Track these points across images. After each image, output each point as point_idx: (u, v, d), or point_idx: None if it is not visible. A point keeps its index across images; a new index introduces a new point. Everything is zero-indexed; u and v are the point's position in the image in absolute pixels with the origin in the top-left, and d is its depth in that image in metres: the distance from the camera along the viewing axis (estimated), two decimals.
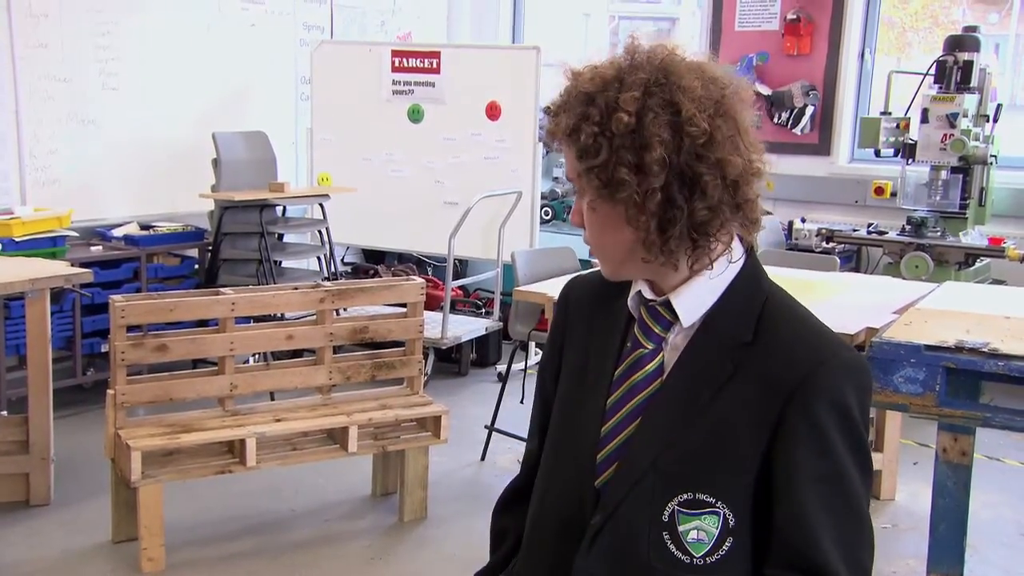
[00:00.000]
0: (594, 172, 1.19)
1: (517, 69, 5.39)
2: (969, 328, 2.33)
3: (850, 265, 5.52)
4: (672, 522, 1.21)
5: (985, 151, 4.96)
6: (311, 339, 3.60)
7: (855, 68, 5.97)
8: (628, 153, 1.16)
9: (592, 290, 1.40)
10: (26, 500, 3.65)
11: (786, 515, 1.19)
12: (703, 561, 1.21)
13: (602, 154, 1.17)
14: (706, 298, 1.25)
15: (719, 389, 1.21)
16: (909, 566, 3.41)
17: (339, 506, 3.79)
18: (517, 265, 4.23)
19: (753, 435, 1.20)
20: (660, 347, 1.27)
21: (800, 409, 1.18)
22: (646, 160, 1.15)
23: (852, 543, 1.20)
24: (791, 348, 1.22)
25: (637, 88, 1.17)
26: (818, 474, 1.19)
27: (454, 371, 5.50)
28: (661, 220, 1.18)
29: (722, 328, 1.24)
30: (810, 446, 1.19)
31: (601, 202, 1.21)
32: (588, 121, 1.18)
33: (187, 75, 5.31)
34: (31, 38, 4.68)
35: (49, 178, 4.81)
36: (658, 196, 1.17)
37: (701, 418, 1.22)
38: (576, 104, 1.19)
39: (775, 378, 1.20)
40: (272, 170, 5.23)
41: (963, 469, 2.77)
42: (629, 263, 1.26)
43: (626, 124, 1.16)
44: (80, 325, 4.58)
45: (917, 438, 4.41)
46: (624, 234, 1.22)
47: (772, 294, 1.27)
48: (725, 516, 1.20)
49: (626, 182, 1.17)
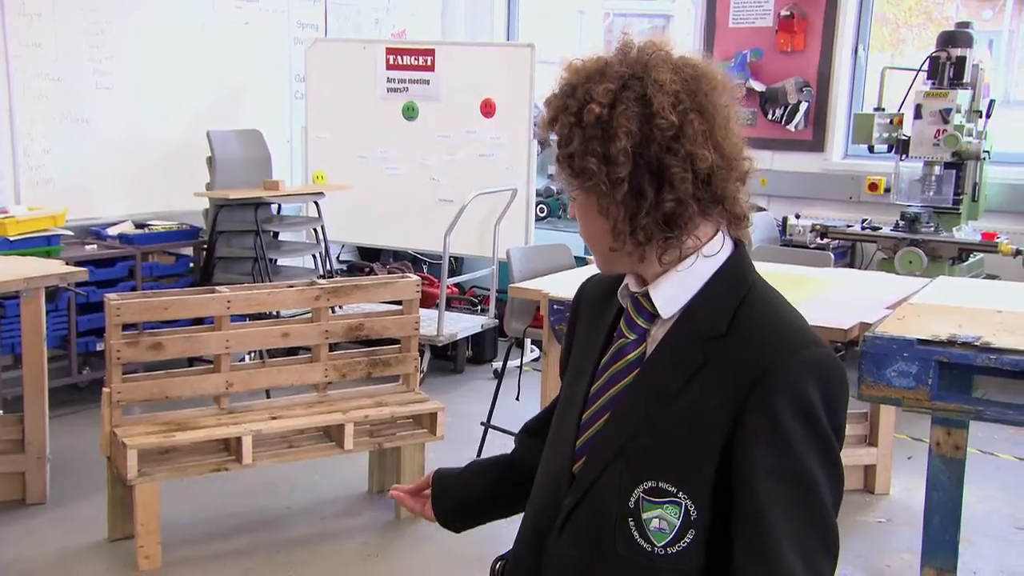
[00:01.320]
0: (566, 161, 1.23)
1: (512, 66, 5.39)
2: (962, 322, 2.34)
3: (844, 261, 5.53)
4: (637, 509, 1.22)
5: (978, 147, 4.97)
6: (307, 337, 3.61)
7: (849, 64, 5.99)
8: (596, 143, 1.20)
9: (601, 288, 1.43)
10: (22, 499, 3.65)
11: (744, 513, 1.18)
12: (664, 551, 1.21)
13: (574, 143, 1.21)
14: (685, 290, 1.26)
15: (688, 379, 1.22)
16: (904, 560, 3.42)
17: (335, 503, 3.79)
18: (512, 262, 4.24)
19: (716, 427, 1.20)
20: (643, 338, 1.29)
21: (759, 402, 1.17)
22: (611, 150, 1.19)
23: (803, 541, 1.16)
24: (760, 340, 1.21)
25: (614, 81, 1.20)
26: (775, 470, 1.16)
27: (450, 368, 5.51)
28: (628, 210, 1.21)
29: (698, 320, 1.25)
30: (768, 441, 1.17)
31: (579, 192, 1.26)
32: (566, 112, 1.22)
33: (181, 73, 5.31)
34: (25, 37, 4.68)
35: (43, 177, 4.81)
36: (625, 186, 1.20)
37: (668, 407, 1.23)
38: (560, 95, 1.24)
39: (740, 369, 1.19)
40: (267, 168, 5.23)
41: (957, 463, 2.79)
42: (613, 257, 1.28)
43: (596, 115, 1.20)
44: (75, 324, 4.58)
45: (911, 432, 4.42)
46: (598, 224, 1.25)
47: (754, 288, 1.27)
48: (687, 507, 1.20)
49: (593, 171, 1.20)
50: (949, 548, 2.83)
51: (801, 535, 1.16)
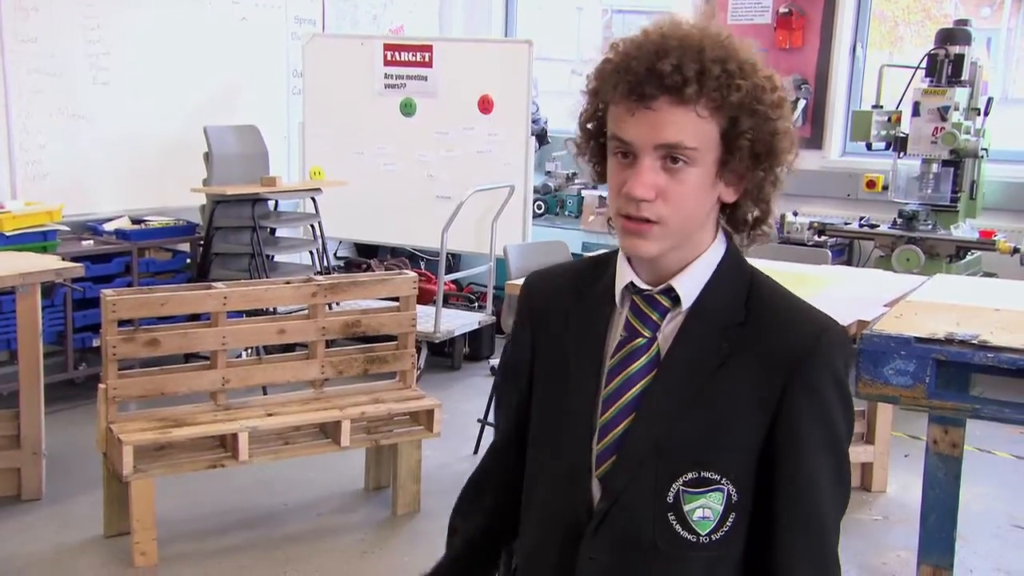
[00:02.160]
0: (743, 134, 1.20)
1: (509, 63, 5.38)
2: (959, 320, 2.34)
3: (842, 258, 5.53)
4: (677, 502, 1.23)
5: (976, 144, 4.97)
6: (303, 333, 3.60)
7: (847, 62, 5.98)
8: (771, 121, 1.22)
9: (560, 284, 1.39)
10: (17, 495, 3.65)
11: (795, 485, 1.24)
12: (708, 539, 1.24)
13: (745, 119, 1.20)
14: (699, 281, 1.27)
15: (717, 368, 1.24)
16: (900, 558, 3.42)
17: (332, 500, 3.79)
18: (509, 259, 4.23)
19: (755, 410, 1.23)
20: (655, 335, 1.28)
21: (802, 384, 1.23)
22: (780, 127, 1.22)
23: (841, 508, 1.28)
24: (786, 325, 1.26)
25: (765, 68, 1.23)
26: (821, 442, 1.24)
27: (447, 365, 5.50)
28: (750, 186, 1.25)
29: (714, 310, 1.26)
30: (814, 416, 1.23)
31: (694, 167, 1.20)
32: (732, 78, 1.19)
33: (178, 69, 5.30)
34: (20, 32, 4.66)
35: (39, 172, 4.80)
36: (754, 161, 1.23)
37: (701, 398, 1.24)
38: (707, 63, 1.18)
39: (775, 354, 1.24)
40: (264, 164, 5.21)
41: (953, 461, 2.79)
42: (685, 238, 1.25)
43: (778, 93, 1.23)
44: (72, 320, 4.57)
45: (908, 430, 4.42)
46: (711, 197, 1.25)
47: (755, 275, 1.31)
48: (729, 492, 1.23)
49: (767, 145, 1.22)
50: (945, 546, 2.83)
51: (838, 499, 1.27)
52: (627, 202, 1.21)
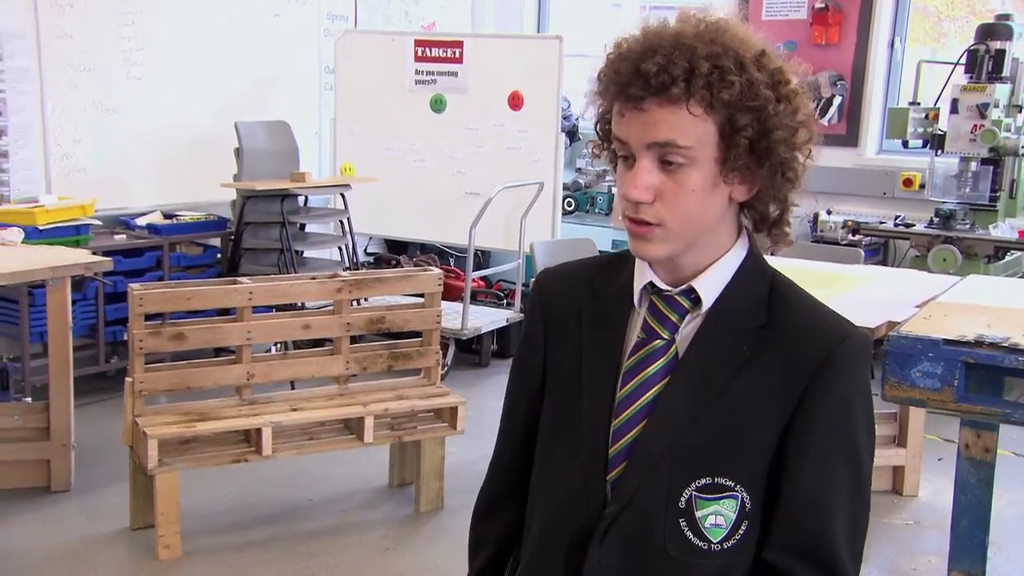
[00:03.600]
0: (740, 131, 1.16)
1: (540, 59, 5.35)
2: (990, 322, 2.28)
3: (877, 258, 5.44)
4: (689, 508, 1.20)
5: (1016, 142, 4.86)
6: (328, 329, 3.60)
7: (884, 58, 5.87)
8: (786, 115, 1.18)
9: (574, 282, 1.35)
10: (47, 486, 3.69)
11: (801, 494, 1.19)
12: (720, 547, 1.20)
13: (740, 115, 1.15)
14: (720, 283, 1.24)
15: (736, 372, 1.21)
16: (931, 563, 3.35)
17: (355, 496, 3.79)
18: (536, 256, 4.21)
19: (772, 416, 1.20)
20: (673, 337, 1.25)
21: (822, 390, 1.19)
22: (793, 122, 1.18)
23: (856, 526, 1.22)
24: (809, 329, 1.22)
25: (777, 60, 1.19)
26: (837, 452, 1.20)
27: (475, 362, 5.49)
28: (760, 187, 1.21)
29: (734, 312, 1.23)
30: (832, 424, 1.20)
31: (692, 167, 1.17)
32: (725, 74, 1.15)
33: (211, 65, 5.33)
34: (56, 27, 4.71)
35: (74, 167, 4.85)
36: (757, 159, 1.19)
37: (718, 402, 1.20)
38: (697, 61, 1.15)
39: (796, 358, 1.20)
40: (294, 160, 5.23)
41: (986, 466, 2.72)
42: (697, 239, 1.22)
43: (792, 88, 1.18)
44: (103, 313, 4.62)
45: (942, 433, 4.33)
46: (717, 198, 1.20)
47: (776, 278, 1.27)
48: (743, 500, 1.20)
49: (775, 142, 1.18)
50: (977, 552, 2.76)
51: (849, 513, 1.21)
52: (628, 204, 1.19)
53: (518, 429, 1.40)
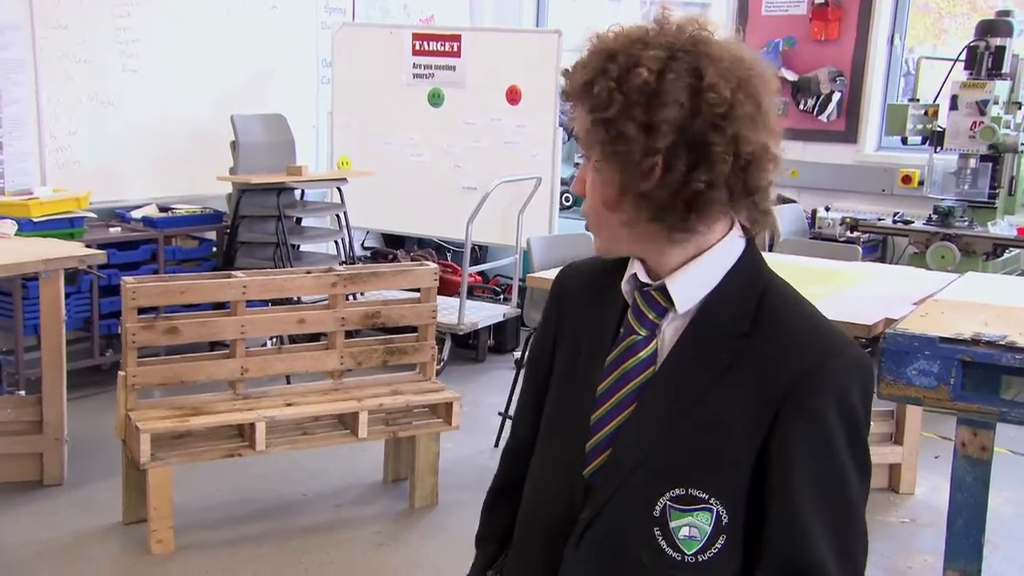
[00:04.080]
0: (601, 124, 1.15)
1: (538, 53, 5.33)
2: (988, 320, 2.26)
3: (875, 255, 5.42)
4: (664, 518, 1.17)
5: (1016, 139, 4.84)
6: (323, 323, 3.59)
7: (884, 54, 5.85)
8: (639, 110, 1.12)
9: (588, 277, 1.36)
10: (40, 480, 3.67)
11: (781, 515, 1.14)
12: (695, 559, 1.17)
13: (613, 108, 1.13)
14: (702, 285, 1.20)
15: (714, 382, 1.17)
16: (926, 562, 3.34)
17: (349, 492, 3.78)
18: (533, 251, 4.19)
19: (749, 431, 1.15)
20: (654, 334, 1.22)
21: (801, 405, 1.13)
22: (656, 119, 1.12)
23: (847, 548, 1.15)
24: (792, 342, 1.17)
25: (662, 49, 1.14)
26: (817, 474, 1.14)
27: (471, 357, 5.47)
28: (653, 184, 1.14)
29: (718, 318, 1.19)
30: (811, 444, 1.13)
31: (603, 161, 1.17)
32: (605, 76, 1.14)
33: (208, 57, 5.31)
34: (51, 18, 4.69)
35: (69, 159, 4.83)
36: (658, 159, 1.13)
37: (694, 412, 1.17)
38: (595, 60, 1.17)
39: (774, 372, 1.15)
40: (290, 153, 5.21)
41: (982, 464, 2.70)
42: (621, 237, 1.21)
43: (644, 80, 1.12)
44: (98, 306, 4.60)
45: (939, 431, 4.32)
46: (614, 196, 1.20)
47: (772, 284, 1.22)
48: (718, 513, 1.16)
49: (631, 138, 1.13)
50: (973, 551, 2.74)
51: (837, 534, 1.14)
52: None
53: (530, 421, 1.39)
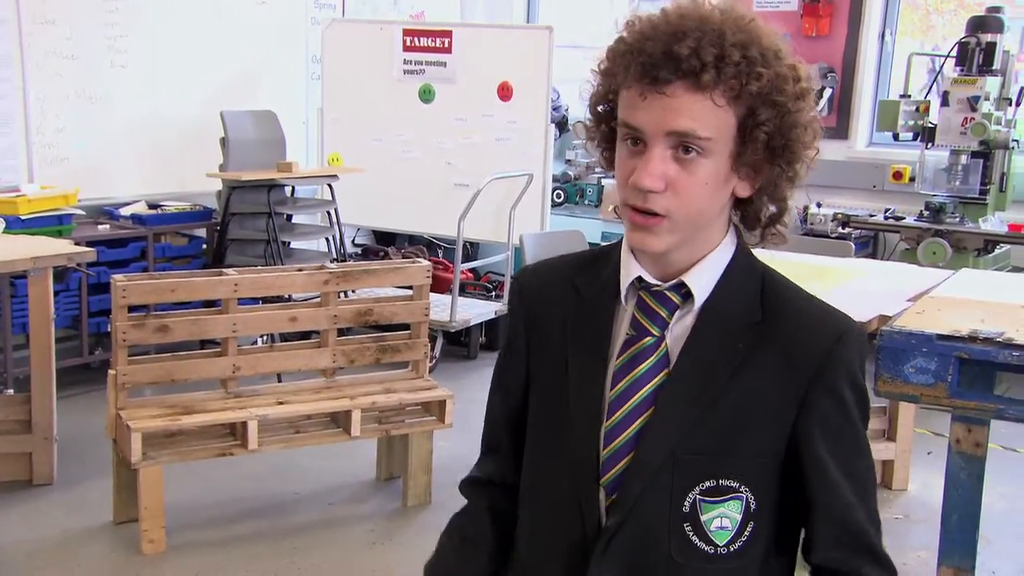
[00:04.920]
0: (761, 126, 1.14)
1: (529, 49, 5.31)
2: (984, 317, 2.26)
3: (866, 251, 5.43)
4: (694, 512, 1.18)
5: (1007, 135, 4.85)
6: (315, 321, 3.56)
7: (875, 50, 5.86)
8: (793, 113, 1.15)
9: (556, 280, 1.30)
10: (29, 479, 3.64)
11: (823, 493, 1.20)
12: (726, 549, 1.19)
13: (763, 110, 1.13)
14: (711, 278, 1.21)
15: (735, 371, 1.18)
16: (920, 558, 3.34)
17: (343, 490, 3.76)
18: (525, 248, 4.18)
19: (774, 415, 1.18)
20: (663, 334, 1.21)
21: (826, 386, 1.18)
22: (801, 120, 1.16)
23: (872, 507, 1.23)
24: (807, 323, 1.21)
25: (788, 56, 1.17)
26: (843, 446, 1.20)
27: (463, 354, 5.46)
28: (764, 178, 1.18)
29: (728, 309, 1.20)
30: (837, 421, 1.19)
31: (707, 159, 1.14)
32: (741, 52, 1.11)
33: (196, 53, 5.27)
34: (38, 14, 4.64)
35: (57, 156, 4.79)
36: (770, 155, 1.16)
37: (718, 403, 1.18)
38: (712, 36, 1.12)
39: (795, 355, 1.18)
40: (281, 150, 5.18)
41: (976, 460, 2.70)
42: (696, 233, 1.19)
43: (803, 87, 1.16)
44: (87, 304, 4.57)
45: (931, 427, 4.33)
46: (725, 192, 1.18)
47: (767, 272, 1.24)
48: (747, 500, 1.18)
49: (764, 123, 1.14)
50: (967, 547, 2.74)
51: (866, 500, 1.22)
52: (634, 192, 1.15)
53: (507, 432, 1.37)
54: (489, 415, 1.41)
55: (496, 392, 1.39)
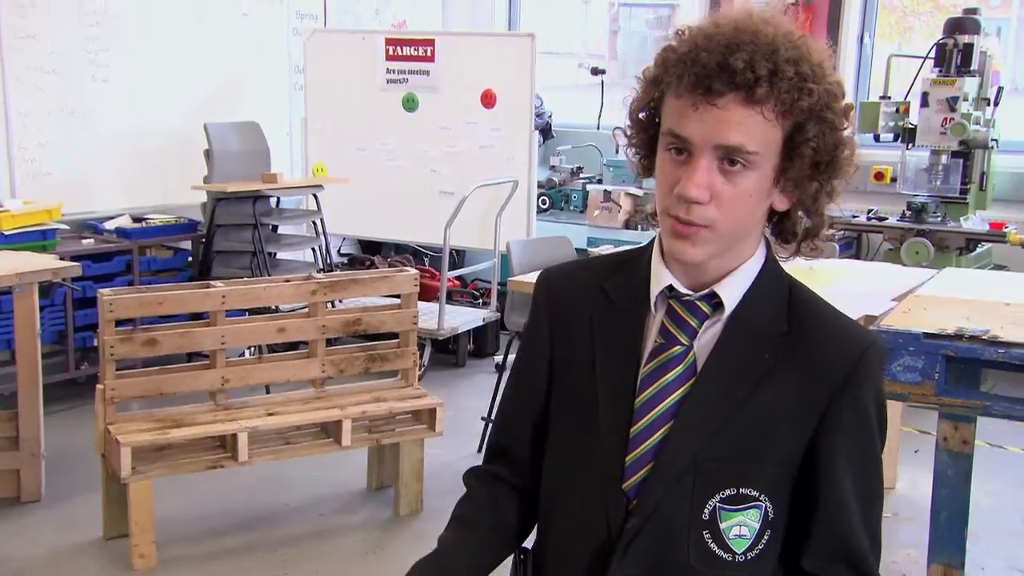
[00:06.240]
0: (808, 142, 1.15)
1: (512, 57, 5.33)
2: (969, 315, 2.28)
3: (850, 252, 5.46)
4: (713, 520, 1.19)
5: (986, 135, 4.90)
6: (303, 332, 3.56)
7: (854, 52, 5.90)
8: (832, 128, 1.17)
9: (581, 284, 1.32)
10: (17, 496, 3.61)
11: (829, 503, 1.21)
12: (744, 557, 1.20)
13: (808, 102, 1.14)
14: (740, 289, 1.22)
15: (759, 381, 1.19)
16: (910, 556, 3.36)
17: (334, 500, 3.75)
18: (512, 255, 4.18)
19: (796, 426, 1.19)
20: (692, 343, 1.23)
21: (850, 399, 1.19)
22: (839, 136, 1.18)
23: (875, 525, 1.24)
24: (833, 336, 1.22)
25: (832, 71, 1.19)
26: (858, 460, 1.21)
27: (451, 362, 5.46)
28: (807, 192, 1.20)
29: (756, 319, 1.21)
30: (855, 434, 1.20)
31: (752, 172, 1.15)
32: (793, 66, 1.13)
33: (179, 65, 5.26)
34: (19, 28, 4.62)
35: (39, 171, 4.76)
36: (814, 171, 1.19)
37: (742, 411, 1.19)
38: (764, 50, 1.13)
39: (820, 370, 1.19)
40: (265, 161, 5.17)
41: (964, 458, 2.73)
42: (733, 244, 1.20)
43: (845, 103, 1.19)
44: (72, 319, 4.54)
45: (918, 425, 4.36)
46: (765, 205, 1.19)
47: (794, 285, 1.26)
48: (766, 509, 1.20)
49: (811, 138, 1.16)
50: (956, 545, 2.77)
51: (869, 514, 1.22)
52: (677, 202, 1.15)
53: (529, 425, 1.36)
54: (505, 417, 1.41)
55: (515, 394, 1.38)
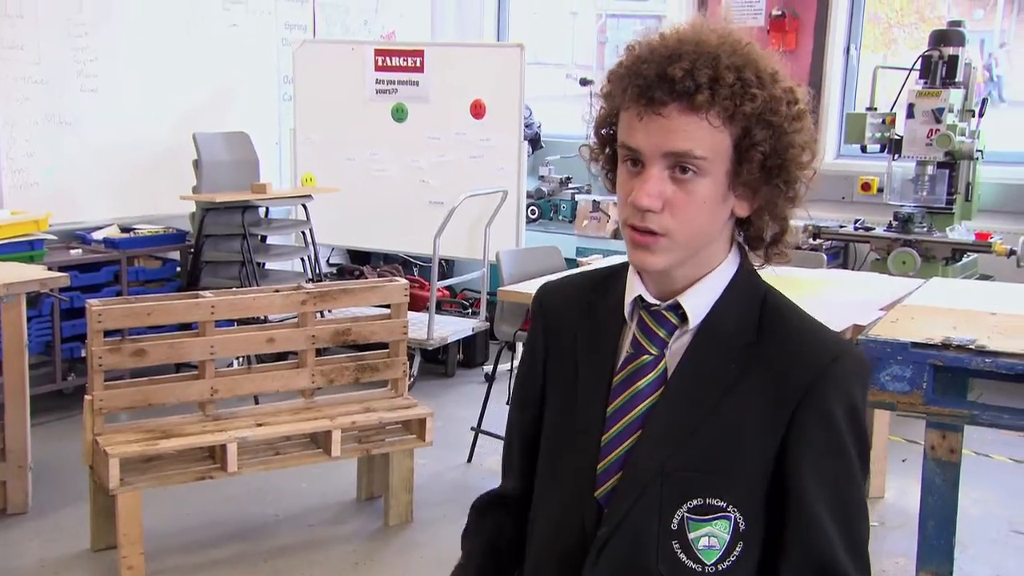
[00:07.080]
0: (756, 146, 1.16)
1: (501, 67, 5.35)
2: (956, 325, 2.30)
3: (837, 262, 5.49)
4: (682, 530, 1.19)
5: (971, 146, 4.94)
6: (293, 342, 3.56)
7: (840, 64, 5.95)
8: (792, 132, 1.18)
9: (572, 296, 1.35)
10: (3, 508, 3.59)
11: (801, 516, 1.18)
12: (714, 568, 1.19)
13: (758, 130, 1.16)
14: (708, 298, 1.23)
15: (725, 391, 1.19)
16: (898, 565, 3.38)
17: (323, 511, 3.74)
18: (502, 265, 4.19)
19: (763, 436, 1.18)
20: (662, 353, 1.23)
21: (814, 409, 1.17)
22: (798, 141, 1.19)
23: (857, 540, 1.21)
24: (799, 347, 1.20)
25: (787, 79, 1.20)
26: (831, 474, 1.19)
27: (441, 372, 5.45)
28: (763, 199, 1.21)
29: (724, 329, 1.21)
30: (824, 446, 1.18)
31: (704, 178, 1.16)
32: (735, 73, 1.14)
33: (168, 76, 5.25)
34: (7, 39, 4.61)
35: (27, 181, 4.75)
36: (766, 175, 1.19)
37: (708, 422, 1.19)
38: (706, 59, 1.14)
39: (785, 378, 1.18)
40: (254, 171, 5.17)
41: (951, 466, 2.74)
42: (696, 252, 1.20)
43: (800, 107, 1.19)
44: (60, 330, 4.52)
45: (906, 435, 4.38)
46: (723, 211, 1.20)
47: (769, 293, 1.25)
48: (736, 520, 1.18)
49: (760, 143, 1.16)
50: (944, 553, 2.78)
51: (849, 528, 1.19)
52: (633, 212, 1.17)
53: (527, 448, 1.39)
54: (508, 429, 1.44)
55: (514, 409, 1.42)
